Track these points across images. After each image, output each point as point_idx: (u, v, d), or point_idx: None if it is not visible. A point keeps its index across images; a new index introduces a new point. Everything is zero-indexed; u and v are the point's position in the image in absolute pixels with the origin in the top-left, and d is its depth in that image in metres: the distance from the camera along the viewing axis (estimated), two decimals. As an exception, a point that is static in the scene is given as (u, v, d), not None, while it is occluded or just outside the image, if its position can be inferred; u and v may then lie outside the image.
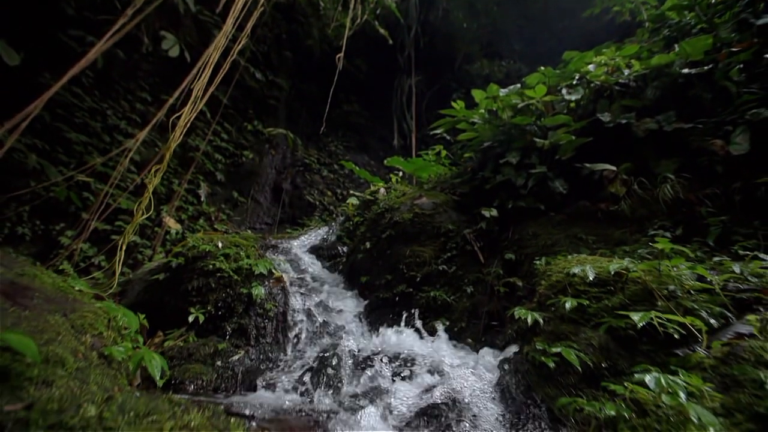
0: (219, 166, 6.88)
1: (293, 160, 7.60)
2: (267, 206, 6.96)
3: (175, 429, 0.76)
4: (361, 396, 1.48)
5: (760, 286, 1.45)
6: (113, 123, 5.80)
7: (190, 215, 6.37)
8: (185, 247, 2.74)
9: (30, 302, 1.35)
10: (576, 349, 1.36)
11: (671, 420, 0.91)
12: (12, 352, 1.01)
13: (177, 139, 2.59)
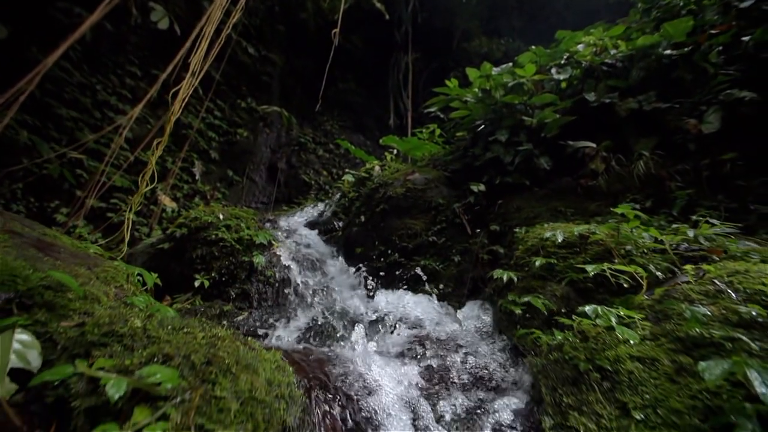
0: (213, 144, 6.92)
1: (288, 139, 7.65)
2: (262, 185, 7.08)
3: (206, 338, 0.98)
4: (359, 341, 1.71)
5: (708, 247, 1.69)
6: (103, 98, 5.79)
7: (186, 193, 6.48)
8: (188, 219, 2.91)
9: (58, 255, 1.53)
10: (542, 299, 1.60)
11: (606, 342, 1.14)
12: (54, 290, 1.20)
13: (177, 113, 2.69)
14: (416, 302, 2.31)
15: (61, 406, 0.86)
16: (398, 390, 1.16)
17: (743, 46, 2.73)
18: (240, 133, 7.16)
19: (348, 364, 1.32)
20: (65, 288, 1.20)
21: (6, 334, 0.95)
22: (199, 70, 2.84)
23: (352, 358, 1.38)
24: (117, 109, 5.85)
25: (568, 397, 1.01)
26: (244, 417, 0.82)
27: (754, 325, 1.08)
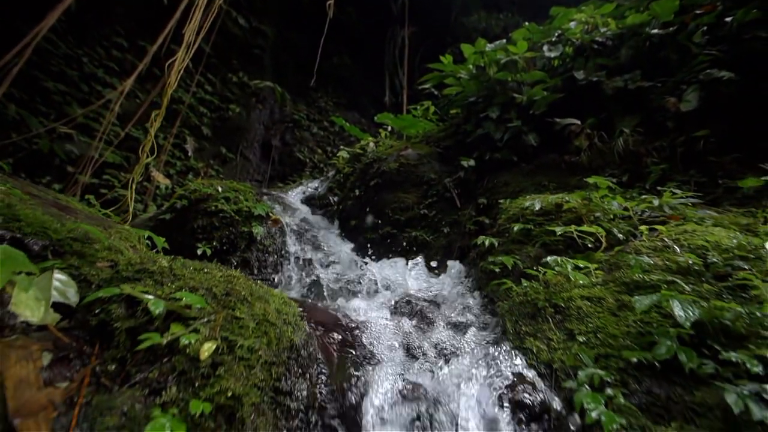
0: (205, 120, 6.92)
1: (282, 115, 7.65)
2: (256, 163, 7.15)
3: (223, 276, 1.17)
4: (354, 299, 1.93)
5: (669, 214, 1.91)
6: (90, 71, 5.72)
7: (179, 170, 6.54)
8: (187, 190, 3.06)
9: (76, 216, 1.69)
10: (516, 259, 1.82)
11: (563, 286, 1.37)
12: (81, 242, 1.37)
13: (173, 85, 2.77)
14: (407, 269, 2.53)
15: (104, 329, 1.06)
16: (390, 328, 1.38)
17: (727, 26, 2.86)
18: (232, 108, 7.14)
19: (345, 311, 1.54)
20: (91, 240, 1.38)
21: (46, 273, 1.13)
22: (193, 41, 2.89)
23: (349, 308, 1.59)
24: (104, 82, 5.79)
25: (527, 326, 1.24)
26: (259, 333, 1.03)
27: (690, 272, 1.31)
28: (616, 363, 1.04)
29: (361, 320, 1.43)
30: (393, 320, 1.48)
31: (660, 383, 0.97)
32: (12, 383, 0.78)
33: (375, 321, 1.40)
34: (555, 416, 0.95)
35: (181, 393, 0.88)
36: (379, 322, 1.40)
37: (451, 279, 2.16)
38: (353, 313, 1.52)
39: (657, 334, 1.07)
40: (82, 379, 0.89)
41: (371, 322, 1.38)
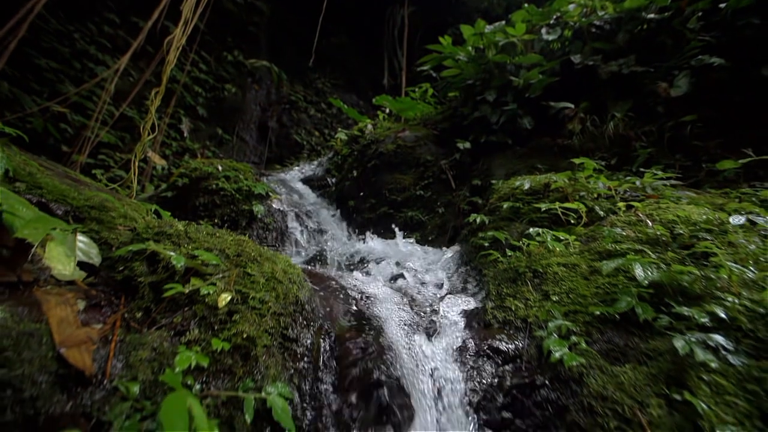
0: (200, 100, 6.88)
1: (278, 97, 7.61)
2: (253, 145, 7.17)
3: (234, 240, 1.30)
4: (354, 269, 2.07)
5: (649, 193, 2.05)
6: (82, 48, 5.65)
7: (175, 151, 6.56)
8: (188, 169, 3.14)
9: (89, 187, 1.79)
10: (505, 234, 1.96)
11: (543, 255, 1.51)
12: (98, 210, 1.49)
13: (172, 63, 2.81)
14: (403, 245, 2.67)
15: (128, 283, 1.19)
16: (386, 291, 1.52)
17: (721, 12, 2.93)
18: (228, 88, 7.10)
19: (346, 278, 1.68)
20: (107, 208, 1.49)
21: (71, 235, 1.25)
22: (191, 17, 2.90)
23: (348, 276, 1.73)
24: (97, 59, 5.73)
25: (508, 289, 1.39)
26: (268, 288, 1.17)
27: (658, 242, 1.45)
28: (583, 317, 1.19)
29: (358, 285, 1.57)
30: (388, 285, 1.63)
31: (620, 333, 1.13)
32: (55, 321, 0.91)
33: (372, 285, 1.55)
34: (526, 359, 1.11)
35: (202, 334, 1.02)
36: (376, 287, 1.54)
37: (444, 254, 2.30)
38: (351, 281, 1.66)
39: (620, 293, 1.22)
40: (114, 323, 1.02)
41: (368, 286, 1.52)
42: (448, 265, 2.11)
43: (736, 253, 1.40)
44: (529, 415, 0.98)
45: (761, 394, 0.97)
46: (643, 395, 0.95)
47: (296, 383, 1.07)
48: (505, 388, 1.04)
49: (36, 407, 0.79)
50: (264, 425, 0.97)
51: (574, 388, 0.98)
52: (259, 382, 1.01)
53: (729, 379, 0.99)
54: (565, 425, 0.94)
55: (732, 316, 1.11)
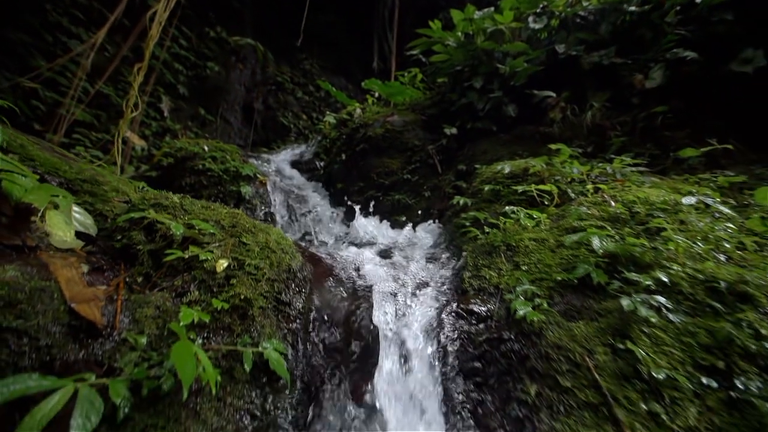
0: (180, 78, 6.69)
1: (264, 77, 7.47)
2: (238, 127, 7.07)
3: (228, 212, 1.38)
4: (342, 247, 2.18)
5: (617, 178, 2.23)
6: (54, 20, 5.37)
7: (154, 131, 6.40)
8: (173, 148, 3.14)
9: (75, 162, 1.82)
10: (485, 215, 2.11)
11: (517, 231, 1.66)
12: (90, 183, 1.53)
13: (155, 38, 2.77)
14: (389, 227, 2.79)
15: (127, 251, 1.26)
16: (374, 264, 1.65)
17: (698, 8, 3.10)
18: (210, 67, 6.91)
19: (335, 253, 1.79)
20: (99, 182, 1.54)
21: (66, 207, 1.30)
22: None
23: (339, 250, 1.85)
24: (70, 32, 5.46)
25: (483, 260, 1.54)
26: (263, 256, 1.27)
27: (618, 219, 1.63)
28: (547, 284, 1.35)
29: (348, 258, 1.69)
30: (376, 259, 1.75)
31: (577, 296, 1.30)
32: (63, 280, 0.99)
33: (359, 259, 1.67)
34: (496, 319, 1.26)
35: (202, 296, 1.12)
36: (365, 259, 1.66)
37: (428, 234, 2.45)
38: (341, 254, 1.78)
39: (580, 262, 1.38)
40: (117, 285, 1.11)
41: (358, 258, 1.64)
42: (432, 244, 2.25)
43: (687, 229, 1.59)
44: (497, 363, 1.14)
45: (694, 345, 1.16)
46: (592, 345, 1.12)
47: (290, 341, 1.19)
48: (477, 342, 1.19)
49: (51, 354, 0.88)
50: (261, 375, 1.09)
51: (535, 340, 1.14)
52: (256, 338, 1.12)
53: (668, 333, 1.17)
54: (526, 370, 1.10)
55: (675, 281, 1.29)
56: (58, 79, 5.23)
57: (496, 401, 1.07)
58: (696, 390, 1.06)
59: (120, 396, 0.85)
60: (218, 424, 0.95)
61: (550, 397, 1.02)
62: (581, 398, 1.00)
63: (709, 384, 1.07)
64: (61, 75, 5.21)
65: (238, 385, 1.04)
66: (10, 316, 0.85)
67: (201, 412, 0.95)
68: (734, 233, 1.67)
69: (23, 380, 0.77)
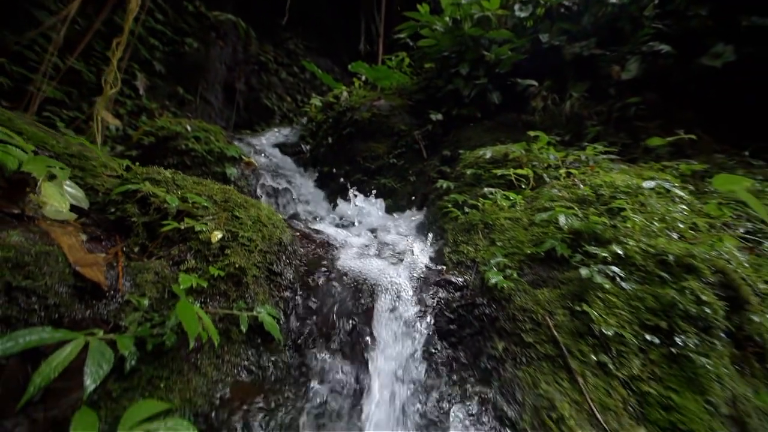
0: (157, 54, 6.45)
1: (246, 56, 7.30)
2: (219, 107, 6.92)
3: (220, 188, 1.46)
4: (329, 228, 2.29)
5: (590, 165, 2.41)
6: (16, -15, 5.05)
7: (129, 110, 6.19)
8: (154, 127, 3.12)
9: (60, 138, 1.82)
10: (467, 197, 2.25)
11: (494, 211, 1.81)
12: (78, 158, 1.57)
13: (134, 11, 2.71)
14: (375, 209, 2.91)
15: (121, 224, 1.33)
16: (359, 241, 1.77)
17: (675, 2, 3.28)
18: (188, 43, 6.69)
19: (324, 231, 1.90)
20: (87, 157, 1.58)
21: (58, 180, 1.35)
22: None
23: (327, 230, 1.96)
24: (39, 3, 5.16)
25: (462, 237, 1.68)
26: (255, 230, 1.36)
27: (585, 201, 1.80)
28: (518, 257, 1.51)
29: (334, 236, 1.81)
30: (363, 237, 1.87)
31: (544, 268, 1.46)
32: (65, 246, 1.06)
33: (347, 236, 1.79)
34: (472, 288, 1.42)
35: (198, 264, 1.22)
36: (350, 238, 1.78)
37: (413, 216, 2.58)
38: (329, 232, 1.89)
39: (548, 238, 1.55)
40: (116, 253, 1.18)
41: (344, 237, 1.75)
42: (416, 225, 2.39)
43: (645, 210, 1.78)
44: (470, 325, 1.30)
45: (642, 308, 1.35)
46: (553, 307, 1.29)
47: (282, 307, 1.30)
48: (453, 307, 1.34)
49: (60, 312, 0.96)
50: (256, 336, 1.20)
51: (504, 305, 1.30)
52: (250, 304, 1.23)
53: (619, 297, 1.36)
54: (495, 330, 1.26)
55: (629, 254, 1.48)
56: (26, 53, 4.98)
57: (468, 356, 1.23)
58: (641, 345, 1.25)
59: (127, 349, 0.94)
60: (218, 377, 1.06)
61: (515, 351, 1.19)
62: (541, 351, 1.17)
63: (653, 340, 1.26)
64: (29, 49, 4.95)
65: (235, 345, 1.15)
66: (18, 276, 0.92)
67: (201, 367, 1.06)
68: (689, 215, 1.88)
69: (37, 332, 0.86)
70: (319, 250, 1.59)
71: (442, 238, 1.91)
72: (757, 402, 1.30)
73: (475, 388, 1.10)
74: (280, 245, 1.42)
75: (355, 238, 1.90)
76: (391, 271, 1.52)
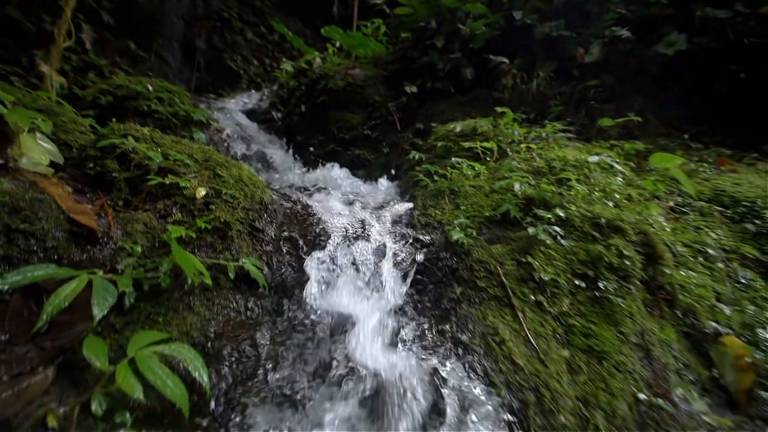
0: (104, 3, 5.91)
1: (206, 11, 6.85)
2: (177, 67, 6.53)
3: (200, 148, 1.55)
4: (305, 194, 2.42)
5: (549, 141, 2.70)
6: None
7: (75, 66, 5.70)
8: (112, 86, 3.00)
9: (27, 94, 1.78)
10: (437, 168, 2.47)
11: (461, 180, 2.04)
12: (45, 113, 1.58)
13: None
14: (350, 179, 3.06)
15: (102, 179, 1.41)
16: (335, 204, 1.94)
17: (638, -12, 3.57)
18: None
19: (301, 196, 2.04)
20: (56, 113, 1.59)
21: (48, 129, 1.38)
22: None
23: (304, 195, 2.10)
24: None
25: (431, 202, 1.91)
26: (237, 188, 1.49)
27: (539, 172, 2.08)
28: (479, 219, 1.76)
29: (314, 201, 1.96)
30: (340, 203, 2.04)
31: (499, 228, 1.73)
32: (56, 195, 1.14)
33: (325, 200, 1.95)
34: (437, 245, 1.65)
35: (185, 217, 1.34)
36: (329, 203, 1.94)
37: (386, 186, 2.77)
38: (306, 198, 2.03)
39: (504, 203, 1.81)
40: (102, 205, 1.27)
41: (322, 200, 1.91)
42: (389, 193, 2.59)
43: (588, 182, 2.09)
44: (434, 274, 1.54)
45: (574, 260, 1.65)
46: (504, 259, 1.56)
47: (264, 260, 1.47)
48: (419, 260, 1.57)
49: (59, 254, 1.07)
50: (242, 284, 1.36)
51: (463, 257, 1.55)
52: (236, 255, 1.38)
53: (557, 252, 1.65)
54: (455, 278, 1.51)
55: (570, 217, 1.77)
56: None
57: (431, 300, 1.48)
58: (571, 289, 1.56)
59: (127, 287, 1.08)
60: (210, 316, 1.23)
61: (470, 294, 1.45)
62: (491, 293, 1.44)
63: (581, 285, 1.58)
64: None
65: (223, 290, 1.31)
66: (17, 220, 1.01)
67: (194, 308, 1.21)
68: (626, 187, 2.23)
69: (43, 268, 0.97)
70: (298, 210, 1.75)
71: (413, 203, 2.13)
72: (661, 335, 1.68)
73: (437, 323, 1.35)
74: (262, 204, 1.56)
75: (333, 202, 2.06)
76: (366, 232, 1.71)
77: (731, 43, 3.42)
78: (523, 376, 1.20)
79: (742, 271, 2.18)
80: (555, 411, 1.14)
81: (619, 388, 1.30)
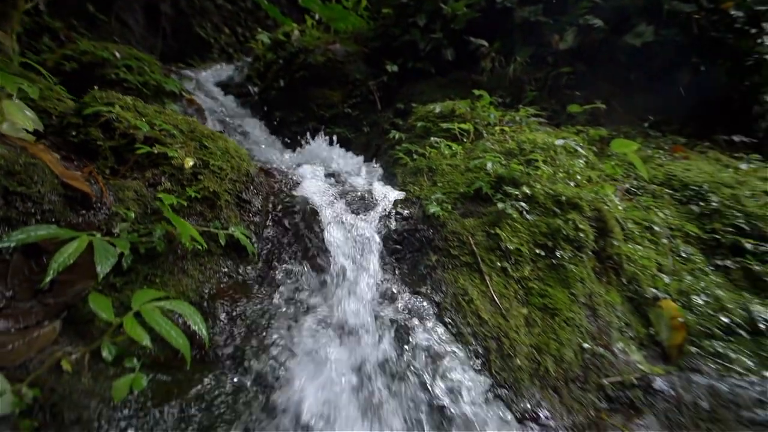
0: (53, -45, 5.42)
1: (172, -29, 6.44)
2: (140, 33, 6.17)
3: (184, 119, 1.61)
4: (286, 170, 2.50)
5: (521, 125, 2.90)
6: None
7: (28, 29, 5.27)
8: (76, 52, 2.89)
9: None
10: (416, 147, 2.62)
11: (439, 158, 2.21)
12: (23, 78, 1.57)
13: None
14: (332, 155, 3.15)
15: (85, 147, 1.45)
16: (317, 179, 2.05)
17: (613, -23, 3.77)
18: (95, -55, 5.71)
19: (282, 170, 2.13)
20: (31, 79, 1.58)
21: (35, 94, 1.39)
22: None
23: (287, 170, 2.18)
24: None
25: (410, 179, 2.07)
26: (224, 160, 1.57)
27: (510, 153, 2.28)
28: (454, 195, 1.95)
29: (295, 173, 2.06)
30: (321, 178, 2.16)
31: (473, 204, 1.92)
32: (47, 160, 1.20)
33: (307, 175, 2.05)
34: (416, 217, 1.83)
35: (174, 186, 1.42)
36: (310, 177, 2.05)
37: (366, 164, 2.90)
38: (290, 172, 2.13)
39: (477, 180, 2.00)
40: (90, 172, 1.33)
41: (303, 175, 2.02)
42: (370, 171, 2.72)
43: (554, 164, 2.32)
44: (411, 244, 1.72)
45: (537, 232, 1.87)
46: (475, 231, 1.75)
47: (252, 229, 1.58)
48: (399, 231, 1.74)
49: (56, 217, 1.14)
50: (231, 251, 1.48)
51: (439, 229, 1.73)
52: (225, 224, 1.49)
53: (522, 225, 1.87)
54: (431, 247, 1.69)
55: (535, 195, 1.99)
56: None
57: (409, 267, 1.66)
58: (532, 257, 1.79)
59: (125, 249, 1.17)
60: (203, 278, 1.34)
61: (444, 261, 1.64)
62: (462, 260, 1.64)
63: (540, 254, 1.81)
64: None
65: (214, 257, 1.42)
66: (14, 183, 1.07)
67: (188, 271, 1.32)
68: (587, 170, 2.48)
69: (45, 228, 1.05)
70: (282, 184, 1.85)
71: (393, 181, 2.28)
72: (607, 298, 1.95)
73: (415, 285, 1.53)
74: (248, 176, 1.65)
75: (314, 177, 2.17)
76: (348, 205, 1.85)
77: (695, 36, 3.72)
78: (488, 328, 1.41)
79: (684, 246, 2.52)
80: (513, 356, 1.37)
81: (567, 339, 1.55)
